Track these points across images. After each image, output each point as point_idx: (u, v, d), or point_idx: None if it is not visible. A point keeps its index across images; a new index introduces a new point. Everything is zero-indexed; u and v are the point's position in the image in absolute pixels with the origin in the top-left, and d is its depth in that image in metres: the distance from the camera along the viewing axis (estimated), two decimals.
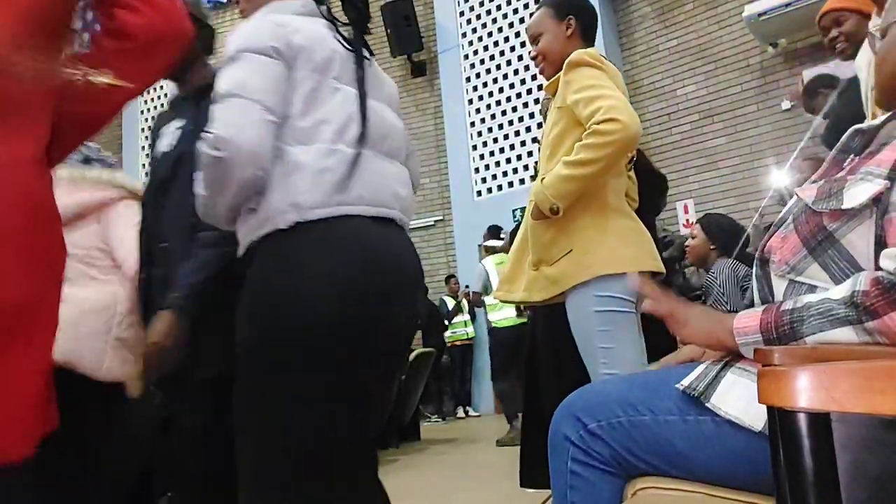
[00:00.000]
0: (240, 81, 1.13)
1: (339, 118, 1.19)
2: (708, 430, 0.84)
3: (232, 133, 1.09)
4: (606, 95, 1.59)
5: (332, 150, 1.16)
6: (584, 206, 1.67)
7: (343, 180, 1.16)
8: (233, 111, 1.11)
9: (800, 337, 0.77)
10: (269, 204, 1.14)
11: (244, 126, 1.10)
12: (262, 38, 1.16)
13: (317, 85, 1.19)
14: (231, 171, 1.10)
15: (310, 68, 1.19)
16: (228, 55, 1.17)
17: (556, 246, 1.69)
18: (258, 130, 1.11)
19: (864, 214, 0.80)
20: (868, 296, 0.72)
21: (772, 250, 0.90)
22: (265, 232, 1.15)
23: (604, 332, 1.62)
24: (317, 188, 1.14)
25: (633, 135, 1.57)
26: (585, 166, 1.59)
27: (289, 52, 1.17)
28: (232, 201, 1.16)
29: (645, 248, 1.70)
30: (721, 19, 6.58)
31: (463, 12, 8.20)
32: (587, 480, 0.92)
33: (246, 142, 1.09)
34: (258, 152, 1.11)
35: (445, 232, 8.16)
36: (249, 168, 1.10)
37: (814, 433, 0.51)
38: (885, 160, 0.82)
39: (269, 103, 1.13)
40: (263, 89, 1.13)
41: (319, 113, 1.18)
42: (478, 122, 7.98)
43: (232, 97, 1.12)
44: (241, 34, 1.18)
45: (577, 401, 0.97)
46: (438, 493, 3.36)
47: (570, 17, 1.82)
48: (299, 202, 1.13)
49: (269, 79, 1.14)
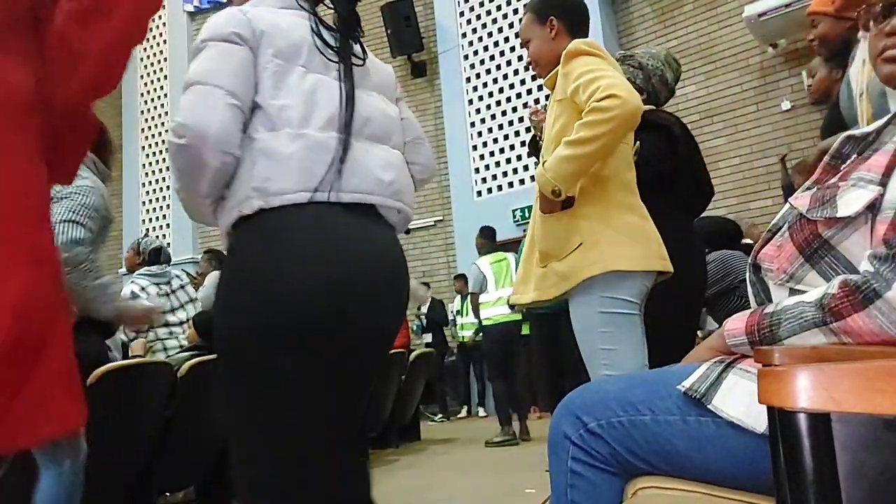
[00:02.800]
0: (202, 69, 1.13)
1: (305, 103, 1.16)
2: (708, 431, 0.84)
3: (194, 119, 1.09)
4: (604, 76, 1.57)
5: (298, 134, 1.13)
6: (593, 200, 1.65)
7: (311, 166, 1.13)
8: (194, 98, 1.11)
9: (777, 339, 0.79)
10: (235, 190, 1.13)
11: (206, 111, 1.09)
12: (224, 25, 1.16)
13: (281, 70, 1.17)
14: (198, 157, 1.09)
15: (271, 53, 1.17)
16: (195, 48, 1.18)
17: (566, 241, 1.66)
18: (221, 114, 1.10)
19: (859, 221, 0.80)
20: (835, 298, 0.74)
21: (767, 258, 0.91)
22: (232, 219, 1.14)
23: (606, 333, 1.60)
24: (282, 174, 1.11)
25: (633, 109, 1.53)
26: (585, 144, 1.55)
27: (252, 37, 1.16)
28: (207, 191, 1.14)
29: (653, 248, 1.67)
30: (721, 19, 6.58)
31: (463, 12, 8.20)
32: (587, 480, 0.92)
33: (209, 126, 1.08)
34: (222, 136, 1.09)
35: (445, 232, 8.17)
36: (216, 153, 1.09)
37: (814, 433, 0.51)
38: (877, 165, 0.82)
39: (231, 87, 1.12)
40: (225, 73, 1.12)
41: (286, 98, 1.16)
42: (478, 122, 7.98)
43: (193, 84, 1.12)
44: (207, 25, 1.19)
45: (577, 400, 0.97)
46: (438, 493, 3.36)
47: (551, 19, 1.81)
48: (264, 188, 1.11)
49: (232, 64, 1.13)
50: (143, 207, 9.73)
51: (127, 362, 2.94)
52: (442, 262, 8.15)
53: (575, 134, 1.56)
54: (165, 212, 9.58)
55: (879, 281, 0.72)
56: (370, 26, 8.66)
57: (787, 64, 6.21)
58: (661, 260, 1.68)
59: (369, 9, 8.63)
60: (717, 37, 6.60)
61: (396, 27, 8.06)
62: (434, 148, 8.29)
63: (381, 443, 5.04)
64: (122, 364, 2.42)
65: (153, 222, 9.64)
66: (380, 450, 4.97)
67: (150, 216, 9.70)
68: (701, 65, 6.66)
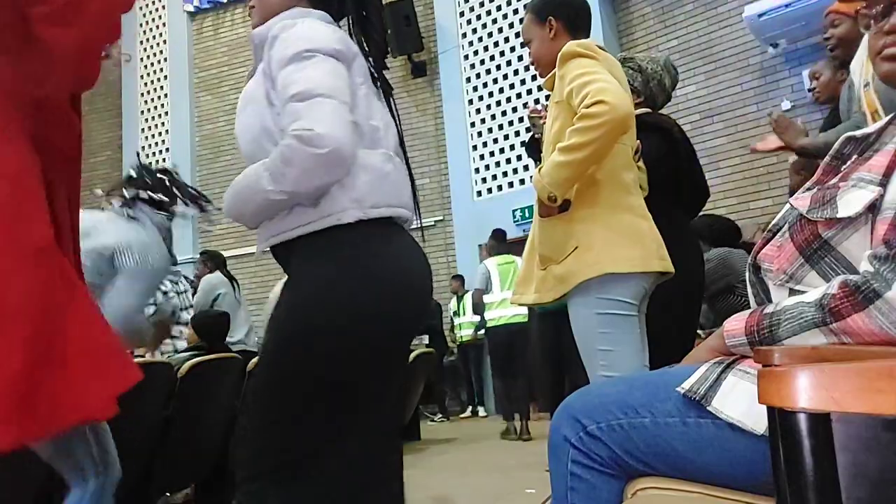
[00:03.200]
0: (323, 82, 1.12)
1: (386, 128, 1.25)
2: (708, 433, 0.84)
3: (333, 133, 1.08)
4: (595, 80, 1.58)
5: (390, 156, 1.22)
6: (590, 202, 1.66)
7: (400, 187, 1.23)
8: (326, 111, 1.10)
9: (777, 340, 0.79)
10: (334, 200, 1.14)
11: (341, 127, 1.10)
12: (328, 40, 1.17)
13: (368, 91, 1.23)
14: (327, 168, 1.10)
15: (362, 74, 1.22)
16: (295, 53, 1.15)
17: (563, 244, 1.67)
18: (349, 131, 1.12)
19: (859, 222, 0.80)
20: (835, 298, 0.74)
21: (766, 259, 0.91)
22: (325, 226, 1.15)
23: (605, 334, 1.61)
24: (380, 190, 1.18)
25: (623, 115, 1.54)
26: (577, 151, 1.57)
27: (349, 55, 1.19)
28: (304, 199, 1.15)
29: (651, 248, 1.68)
30: (721, 19, 6.58)
31: (463, 12, 8.20)
32: (587, 482, 0.92)
33: (344, 142, 1.10)
34: (351, 154, 1.12)
35: (445, 232, 8.16)
36: (343, 168, 1.12)
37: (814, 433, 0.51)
38: (877, 166, 0.82)
39: (351, 106, 1.15)
40: (344, 92, 1.14)
41: (375, 121, 1.23)
42: (478, 122, 7.98)
43: (320, 97, 1.11)
44: (306, 34, 1.17)
45: (577, 402, 0.97)
46: (438, 493, 3.36)
47: (550, 19, 1.82)
48: (363, 199, 1.15)
49: (343, 81, 1.16)
50: None
51: None
52: (442, 262, 8.14)
53: (567, 140, 1.59)
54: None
55: (879, 281, 0.72)
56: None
57: (787, 64, 6.20)
58: (661, 260, 1.68)
59: None
60: (717, 37, 6.59)
61: (396, 27, 8.06)
62: (434, 148, 8.31)
63: None
64: None
65: None
66: None
67: None
68: (701, 65, 6.65)
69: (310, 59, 1.14)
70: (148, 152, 9.91)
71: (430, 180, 8.27)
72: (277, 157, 1.11)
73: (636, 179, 1.79)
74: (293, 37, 1.16)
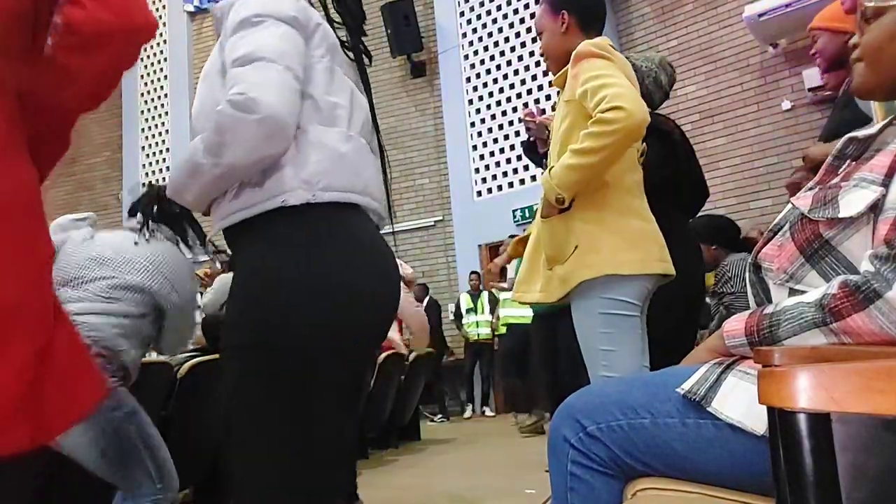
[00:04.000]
0: (269, 45, 1.04)
1: (350, 106, 1.15)
2: (708, 434, 0.84)
3: (269, 97, 0.99)
4: (611, 84, 1.57)
5: (349, 136, 1.12)
6: (592, 203, 1.65)
7: (357, 169, 1.12)
8: (264, 74, 1.01)
9: (777, 340, 0.79)
10: (281, 178, 1.05)
11: (278, 91, 1.00)
12: (282, 6, 1.09)
13: (331, 66, 1.14)
14: (259, 136, 1.00)
15: (325, 47, 1.13)
16: (244, 18, 1.07)
17: (565, 244, 1.67)
18: (291, 98, 1.02)
19: (860, 222, 0.80)
20: (835, 298, 0.74)
21: (767, 258, 0.91)
22: (268, 208, 1.06)
23: (606, 334, 1.61)
24: (334, 172, 1.08)
25: (638, 122, 1.54)
26: (589, 155, 1.56)
27: (308, 24, 1.11)
28: (239, 172, 1.05)
29: (653, 251, 1.67)
30: (721, 19, 6.58)
31: (463, 12, 8.21)
32: (587, 483, 0.92)
33: (280, 106, 1.00)
34: (288, 121, 1.02)
35: (445, 232, 8.16)
36: (280, 140, 1.02)
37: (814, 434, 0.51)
38: (879, 166, 0.82)
39: (297, 73, 1.05)
40: (292, 58, 1.05)
41: (337, 97, 1.13)
42: (478, 122, 7.98)
43: (262, 60, 1.02)
44: (257, 2, 1.09)
45: (577, 403, 0.97)
46: (438, 493, 3.36)
47: (563, 12, 1.80)
48: (314, 181, 1.05)
49: (295, 48, 1.07)
50: None
51: None
52: (441, 262, 8.14)
53: (580, 143, 1.58)
54: None
55: (880, 281, 0.71)
56: (370, 26, 8.65)
57: (787, 64, 6.21)
58: (662, 263, 1.68)
59: (369, 9, 8.62)
60: (717, 37, 6.60)
61: (396, 27, 8.06)
62: (434, 148, 8.31)
63: (381, 443, 5.03)
64: None
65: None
66: (380, 450, 4.96)
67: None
68: (701, 65, 6.66)
69: (259, 23, 1.07)
70: (148, 152, 9.91)
71: (430, 180, 8.27)
72: (212, 126, 1.03)
73: (640, 181, 1.78)
74: (247, 3, 1.10)
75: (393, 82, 8.54)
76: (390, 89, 8.50)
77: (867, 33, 0.91)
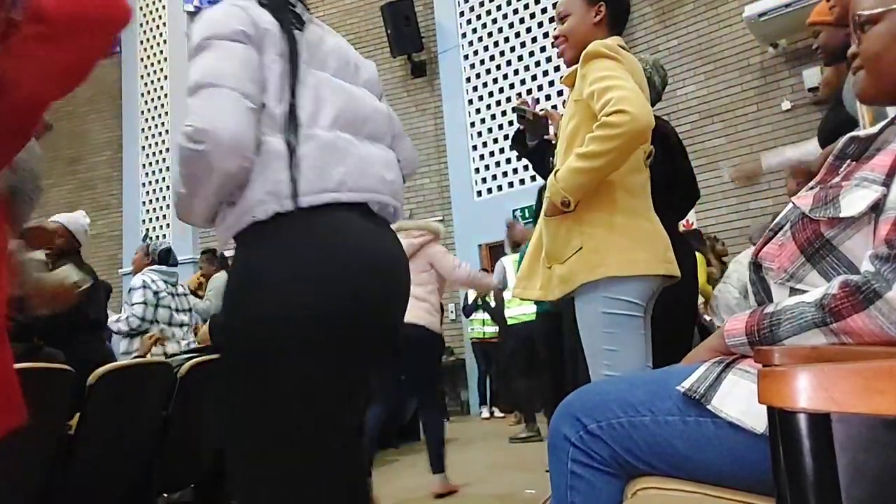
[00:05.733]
0: (213, 70, 1.08)
1: (310, 103, 1.15)
2: (708, 432, 0.84)
3: (212, 124, 1.04)
4: (618, 86, 1.56)
5: (307, 135, 1.12)
6: (596, 204, 1.65)
7: (323, 167, 1.12)
8: (210, 101, 1.05)
9: (777, 340, 0.79)
10: (248, 195, 1.09)
11: (224, 116, 1.04)
12: (229, 23, 1.11)
13: (284, 70, 1.15)
14: (213, 164, 1.04)
15: (276, 52, 1.14)
16: (195, 45, 1.11)
17: (567, 244, 1.67)
18: (239, 119, 1.05)
19: (861, 222, 0.80)
20: (835, 298, 0.74)
21: (768, 257, 0.91)
22: (245, 225, 1.11)
23: (609, 334, 1.60)
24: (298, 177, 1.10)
25: (643, 126, 1.54)
26: (594, 159, 1.56)
27: (257, 35, 1.12)
28: (213, 198, 1.11)
29: (657, 252, 1.67)
30: (721, 19, 6.57)
31: (463, 12, 8.20)
32: (587, 481, 0.92)
33: (227, 131, 1.04)
34: (241, 141, 1.05)
35: (445, 232, 8.15)
36: (233, 159, 1.05)
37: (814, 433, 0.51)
38: (880, 165, 0.82)
39: (246, 90, 1.08)
40: (239, 76, 1.08)
41: (294, 98, 1.14)
42: (478, 122, 7.98)
43: (207, 87, 1.06)
44: (206, 22, 1.13)
45: (577, 401, 0.97)
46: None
47: (601, 4, 1.78)
48: (278, 191, 1.08)
49: (244, 65, 1.09)
50: (143, 207, 9.71)
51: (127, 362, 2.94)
52: None
53: (585, 147, 1.58)
54: (165, 212, 9.56)
55: (880, 281, 0.71)
56: (370, 26, 8.66)
57: (787, 64, 6.20)
58: (666, 264, 1.67)
59: (369, 9, 8.63)
60: (717, 37, 6.59)
61: (396, 27, 8.06)
62: (434, 148, 8.31)
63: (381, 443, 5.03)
64: (122, 364, 2.42)
65: (153, 222, 9.63)
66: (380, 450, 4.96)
67: (150, 216, 9.69)
68: (701, 65, 6.65)
69: (205, 48, 1.10)
70: (148, 152, 9.91)
71: (430, 180, 8.26)
72: (177, 159, 1.09)
73: (645, 182, 1.78)
74: (197, 25, 1.13)
75: (393, 82, 8.53)
76: (390, 89, 8.49)
77: (864, 41, 0.91)
